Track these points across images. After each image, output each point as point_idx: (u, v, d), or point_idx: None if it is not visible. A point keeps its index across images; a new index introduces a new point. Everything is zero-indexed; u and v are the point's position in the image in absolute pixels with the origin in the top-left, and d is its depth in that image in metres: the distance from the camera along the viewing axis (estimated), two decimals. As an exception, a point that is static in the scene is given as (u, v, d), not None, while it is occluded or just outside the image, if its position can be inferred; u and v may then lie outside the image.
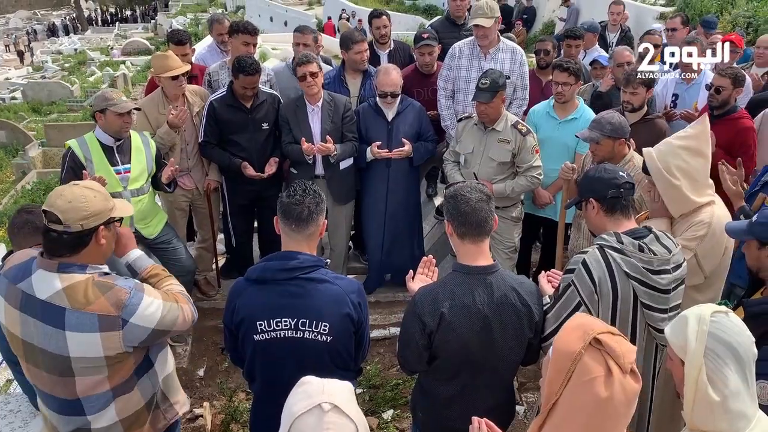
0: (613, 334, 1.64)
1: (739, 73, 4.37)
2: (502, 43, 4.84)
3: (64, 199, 2.16)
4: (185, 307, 2.40)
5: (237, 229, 4.93)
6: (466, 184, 2.42)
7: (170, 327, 2.32)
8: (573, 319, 1.77)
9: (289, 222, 2.35)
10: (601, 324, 1.68)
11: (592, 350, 1.61)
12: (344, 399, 1.60)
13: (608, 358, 1.59)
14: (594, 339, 1.61)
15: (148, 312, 2.24)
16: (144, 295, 2.26)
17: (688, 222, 2.91)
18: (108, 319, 2.16)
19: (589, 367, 1.59)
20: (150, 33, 39.31)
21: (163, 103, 4.49)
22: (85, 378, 2.21)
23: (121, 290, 2.21)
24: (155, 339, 2.31)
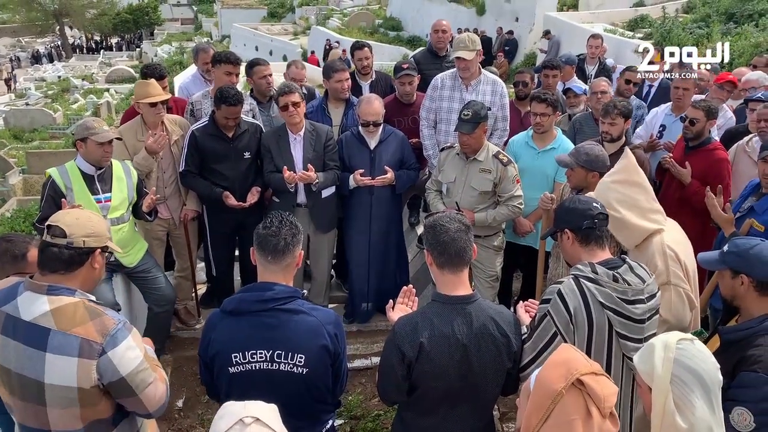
0: (597, 374, 1.65)
1: (713, 105, 4.48)
2: (483, 75, 4.93)
3: (71, 216, 2.24)
4: (161, 384, 2.32)
5: (217, 258, 4.90)
6: (445, 214, 2.44)
7: (138, 388, 2.21)
8: (558, 353, 1.77)
9: (265, 253, 2.34)
10: (585, 363, 1.69)
11: (573, 391, 1.62)
12: (267, 416, 1.64)
13: (589, 400, 1.61)
14: (577, 380, 1.62)
15: (128, 355, 2.18)
16: (130, 336, 2.22)
17: (641, 261, 2.97)
18: (89, 345, 2.12)
19: (569, 408, 1.60)
20: (135, 61, 39.41)
21: (142, 130, 4.50)
22: (57, 409, 2.16)
23: (111, 320, 2.19)
24: (119, 392, 2.20)
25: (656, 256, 2.95)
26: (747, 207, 3.84)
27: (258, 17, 39.91)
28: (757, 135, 4.51)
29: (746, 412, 2.16)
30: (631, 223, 2.98)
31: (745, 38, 12.89)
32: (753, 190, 3.92)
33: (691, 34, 14.43)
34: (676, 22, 16.07)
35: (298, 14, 37.33)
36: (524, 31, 20.52)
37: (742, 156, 4.57)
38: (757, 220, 3.69)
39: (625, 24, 18.10)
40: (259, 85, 5.14)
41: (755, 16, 14.27)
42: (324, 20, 32.12)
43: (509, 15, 21.57)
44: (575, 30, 16.29)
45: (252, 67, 5.16)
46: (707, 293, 3.57)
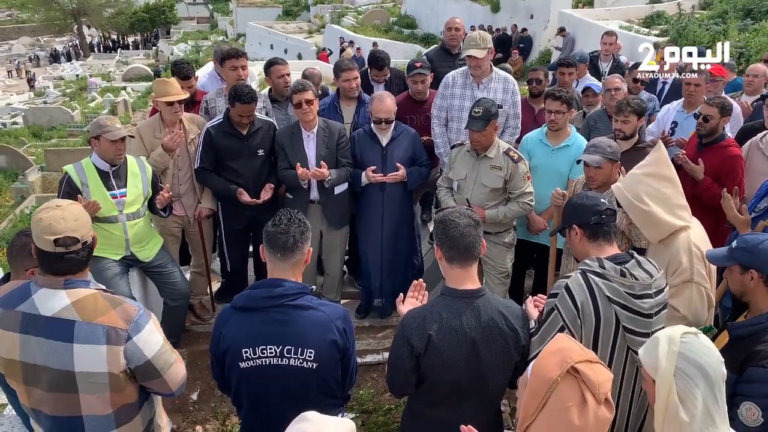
0: (591, 362, 1.67)
1: (726, 102, 4.45)
2: (495, 73, 4.93)
3: (68, 220, 2.19)
4: (180, 366, 2.42)
5: (232, 254, 4.96)
6: (455, 210, 2.47)
7: (162, 370, 2.31)
8: (554, 342, 1.80)
9: (274, 251, 2.38)
10: (580, 351, 1.71)
11: (568, 378, 1.65)
12: None
13: (584, 387, 1.63)
14: (571, 367, 1.64)
15: (151, 339, 2.26)
16: (151, 321, 2.30)
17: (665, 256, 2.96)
18: (115, 332, 2.19)
19: (565, 395, 1.63)
20: (151, 59, 39.76)
21: (160, 128, 4.58)
22: (89, 395, 2.23)
23: (132, 307, 2.27)
24: (145, 375, 2.29)
25: (681, 253, 2.93)
26: (763, 208, 3.81)
27: (273, 15, 40.07)
28: (771, 131, 4.48)
29: (754, 407, 2.17)
30: (658, 217, 2.96)
31: (762, 34, 12.74)
32: (769, 191, 3.90)
33: (708, 31, 14.29)
34: (692, 18, 15.91)
35: (312, 12, 37.44)
36: (539, 28, 20.43)
37: (756, 153, 4.54)
38: None
39: (641, 21, 17.95)
40: (276, 84, 5.20)
41: (773, 12, 14.11)
42: (338, 18, 32.18)
43: (524, 12, 21.49)
44: (590, 27, 16.20)
45: (270, 66, 5.24)
46: (720, 293, 3.56)
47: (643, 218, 2.98)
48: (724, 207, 3.79)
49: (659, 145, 3.17)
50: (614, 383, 2.49)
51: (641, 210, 2.96)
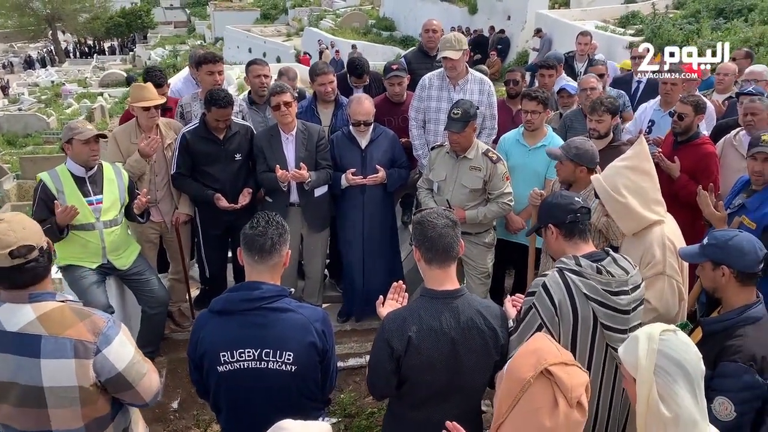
0: (567, 364, 1.68)
1: (701, 100, 4.52)
2: (471, 74, 4.96)
3: (16, 231, 2.12)
4: (154, 374, 2.37)
5: (210, 259, 4.93)
6: (432, 210, 2.47)
7: (134, 381, 2.26)
8: (531, 342, 1.81)
9: (252, 253, 2.37)
10: (555, 352, 1.72)
11: (542, 379, 1.65)
12: None
13: (557, 390, 1.63)
14: (545, 369, 1.64)
15: (122, 350, 2.21)
16: (121, 332, 2.25)
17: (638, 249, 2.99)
18: (83, 346, 2.14)
19: (536, 396, 1.63)
20: (128, 65, 39.37)
21: (136, 133, 4.53)
22: (59, 410, 2.17)
23: (100, 319, 2.21)
24: (117, 387, 2.24)
25: (655, 246, 2.97)
26: (738, 204, 3.86)
27: (251, 19, 39.91)
28: (744, 129, 4.55)
29: (727, 402, 2.20)
30: (634, 210, 3.00)
31: (734, 33, 12.96)
32: (743, 187, 3.94)
33: (681, 30, 14.50)
34: (666, 18, 16.13)
35: (291, 15, 37.34)
36: (516, 29, 20.57)
37: (730, 149, 4.61)
38: (749, 217, 3.70)
39: (617, 21, 18.15)
40: (252, 84, 5.19)
41: (744, 11, 14.34)
42: (317, 21, 32.14)
43: (501, 14, 21.62)
44: (566, 28, 16.32)
45: (249, 66, 5.24)
46: (695, 292, 3.60)
47: (619, 210, 3.02)
48: (700, 204, 3.85)
49: (641, 138, 3.20)
50: (594, 380, 2.52)
51: (618, 201, 3.00)
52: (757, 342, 2.29)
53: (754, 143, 3.71)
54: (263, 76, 5.14)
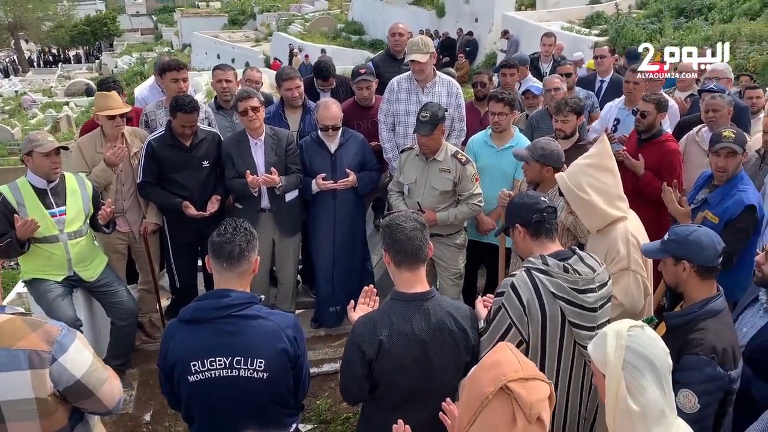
0: (527, 379, 1.67)
1: (662, 98, 4.60)
2: (438, 76, 4.99)
3: None
4: (115, 381, 2.32)
5: (180, 268, 4.86)
6: (401, 213, 2.49)
7: (95, 388, 2.21)
8: (493, 354, 1.80)
9: (220, 261, 2.35)
10: (516, 366, 1.71)
11: (501, 395, 1.65)
12: None
13: (516, 406, 1.63)
14: (505, 385, 1.64)
15: (79, 357, 2.17)
16: (77, 339, 2.20)
17: (603, 246, 3.04)
18: (38, 356, 2.09)
19: (496, 413, 1.64)
20: (95, 73, 38.75)
21: (101, 142, 4.45)
22: (17, 423, 2.12)
23: (53, 327, 2.16)
24: (77, 395, 2.19)
25: (619, 242, 3.03)
26: (701, 199, 3.94)
27: (219, 25, 39.64)
28: (706, 125, 4.65)
29: (691, 394, 2.24)
30: (597, 207, 3.06)
31: (695, 32, 13.25)
32: (706, 182, 4.03)
33: (644, 30, 14.79)
34: (629, 18, 16.44)
35: (259, 21, 37.18)
36: (484, 31, 20.76)
37: (693, 146, 4.71)
38: (711, 212, 3.79)
39: (582, 21, 18.44)
40: (216, 89, 5.16)
41: (704, 10, 14.69)
42: (285, 26, 32.03)
43: (469, 16, 21.81)
44: (533, 29, 16.52)
45: (213, 71, 5.21)
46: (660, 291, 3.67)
47: (583, 207, 3.08)
48: (664, 200, 3.92)
49: (603, 137, 3.27)
50: (564, 378, 2.54)
51: (582, 199, 3.05)
52: (717, 334, 2.34)
53: (716, 139, 3.80)
54: (225, 81, 5.11)
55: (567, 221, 3.55)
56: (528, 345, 2.46)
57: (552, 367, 2.51)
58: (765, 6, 13.26)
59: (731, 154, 3.70)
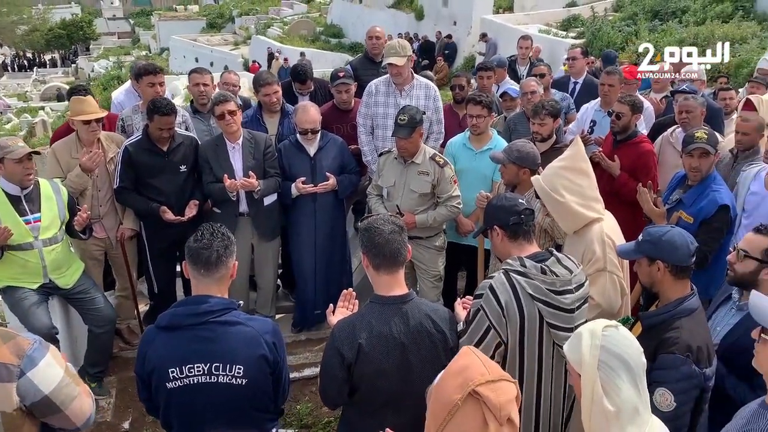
0: (494, 381, 1.68)
1: (637, 100, 4.67)
2: (416, 80, 5.01)
3: None
4: (86, 398, 2.24)
5: (158, 274, 4.80)
6: (379, 217, 2.50)
7: (63, 404, 2.13)
8: (457, 360, 1.80)
9: (197, 266, 2.33)
10: (482, 370, 1.71)
11: (470, 401, 1.65)
12: None
13: (486, 410, 1.63)
14: (473, 390, 1.64)
15: (48, 372, 2.10)
16: (48, 354, 2.14)
17: (579, 247, 3.08)
18: (6, 369, 2.03)
19: (466, 419, 1.63)
20: (71, 77, 38.28)
21: (77, 148, 4.39)
22: None
23: (26, 340, 2.11)
24: (44, 411, 2.12)
25: (595, 243, 3.06)
26: (675, 199, 4.00)
27: (197, 28, 39.36)
28: (680, 126, 4.72)
29: (667, 393, 2.27)
30: (573, 209, 3.09)
31: (670, 34, 13.45)
32: (680, 182, 4.09)
33: (620, 32, 14.98)
34: (605, 21, 16.64)
35: (237, 24, 36.98)
36: (462, 34, 20.87)
37: (667, 147, 4.78)
38: (686, 211, 3.84)
39: (559, 24, 18.62)
40: (192, 92, 5.12)
41: (678, 13, 14.92)
42: (264, 29, 31.92)
43: (447, 19, 21.91)
44: (511, 32, 16.64)
45: (189, 75, 5.18)
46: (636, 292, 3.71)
47: (559, 209, 3.11)
48: (640, 201, 3.97)
49: (576, 139, 3.33)
50: (546, 379, 2.55)
51: (557, 201, 3.09)
52: (692, 333, 2.38)
53: (688, 140, 3.85)
54: (202, 85, 5.08)
55: (544, 223, 3.59)
56: (507, 347, 2.47)
57: (532, 368, 2.52)
58: (737, 9, 13.50)
59: (704, 155, 3.76)
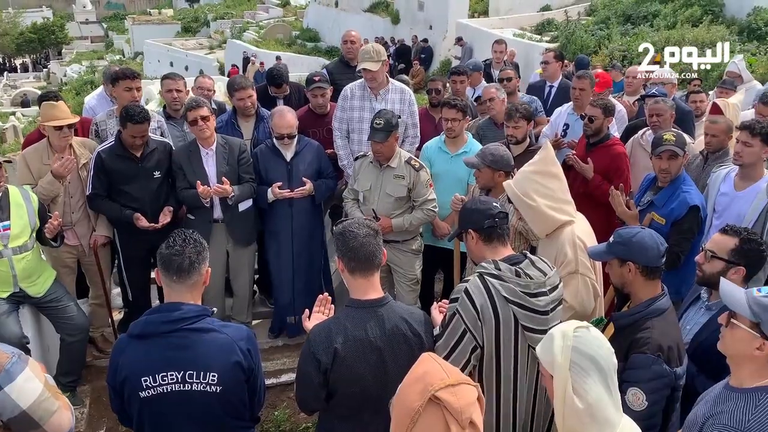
0: (453, 385, 1.68)
1: (609, 103, 4.73)
2: (392, 84, 5.02)
3: None
4: (65, 412, 2.18)
5: (133, 281, 4.74)
6: (354, 220, 2.49)
7: (42, 419, 2.09)
8: (417, 367, 1.81)
9: (170, 273, 2.31)
10: (441, 375, 1.72)
11: (431, 407, 1.65)
12: None
13: (447, 414, 1.64)
14: (433, 395, 1.64)
15: (26, 387, 2.05)
16: (27, 368, 2.10)
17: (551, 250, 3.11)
18: None
19: (427, 425, 1.64)
20: (43, 82, 37.67)
21: (48, 154, 4.32)
22: None
23: (3, 354, 2.06)
24: (22, 426, 2.07)
25: (566, 246, 3.10)
26: (647, 201, 4.06)
27: (172, 32, 39.04)
28: (650, 129, 4.80)
29: (639, 392, 2.30)
30: (544, 212, 3.13)
31: (641, 38, 13.65)
32: (650, 184, 4.16)
33: (593, 36, 15.18)
34: (579, 24, 16.85)
35: (213, 28, 36.75)
36: (438, 38, 20.96)
37: (638, 149, 4.86)
38: (658, 213, 3.90)
39: (533, 28, 18.80)
40: (165, 98, 5.07)
41: (649, 17, 15.16)
42: (240, 33, 31.75)
43: (423, 23, 22.00)
44: (486, 36, 16.76)
45: (162, 80, 5.12)
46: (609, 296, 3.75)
47: (530, 213, 3.15)
48: (612, 204, 4.02)
49: (546, 143, 3.37)
50: (522, 382, 2.56)
51: (528, 205, 3.12)
52: (663, 333, 2.42)
53: (657, 143, 3.92)
54: (175, 91, 5.03)
55: (519, 225, 3.61)
56: (483, 350, 2.48)
57: (508, 370, 2.53)
58: (705, 13, 13.75)
59: (673, 157, 3.83)
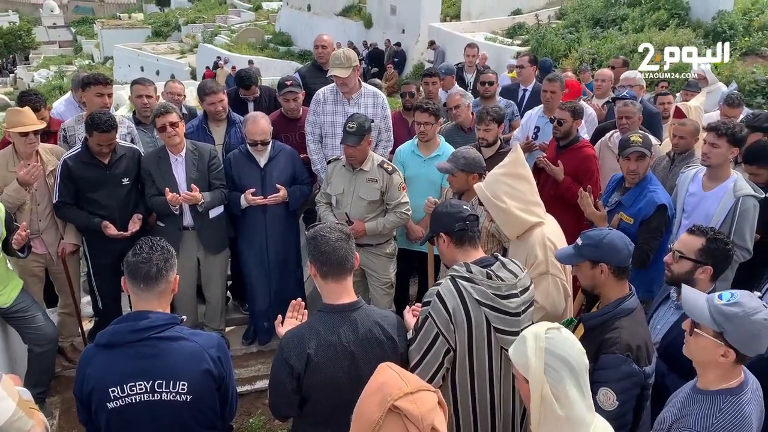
0: (412, 393, 1.68)
1: (578, 106, 4.80)
2: (364, 88, 5.01)
3: None
4: (39, 430, 2.18)
5: (103, 290, 4.64)
6: (326, 225, 2.48)
7: None
8: (375, 377, 1.80)
9: (137, 281, 2.28)
10: (399, 384, 1.72)
11: (391, 417, 1.65)
12: None
13: (408, 423, 1.63)
14: (392, 405, 1.64)
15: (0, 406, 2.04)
16: (0, 386, 2.08)
17: (522, 251, 3.14)
18: None
19: None
20: (9, 87, 36.93)
21: (14, 161, 4.23)
22: None
23: None
24: None
25: (537, 247, 3.12)
26: (614, 202, 4.12)
27: (142, 37, 38.60)
28: (618, 131, 4.87)
29: (610, 392, 2.33)
30: (514, 214, 3.15)
31: (610, 41, 13.88)
32: (617, 185, 4.22)
33: (563, 39, 15.37)
34: (549, 28, 17.04)
35: (184, 32, 36.42)
36: (411, 42, 21.02)
37: (606, 151, 4.94)
38: (626, 213, 3.97)
39: (505, 32, 18.97)
40: (135, 104, 5.00)
41: (618, 21, 15.39)
42: (211, 37, 31.49)
43: (396, 27, 22.04)
44: (458, 40, 16.86)
45: (132, 86, 5.05)
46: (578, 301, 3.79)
47: (501, 215, 3.17)
48: (581, 205, 4.07)
49: (515, 146, 3.40)
50: (496, 384, 2.56)
51: (499, 207, 3.14)
52: (631, 333, 2.44)
53: (624, 145, 3.98)
54: (145, 96, 4.96)
55: (491, 227, 3.64)
56: (456, 353, 2.48)
57: (482, 372, 2.53)
58: (672, 17, 14.01)
59: (641, 158, 3.89)
